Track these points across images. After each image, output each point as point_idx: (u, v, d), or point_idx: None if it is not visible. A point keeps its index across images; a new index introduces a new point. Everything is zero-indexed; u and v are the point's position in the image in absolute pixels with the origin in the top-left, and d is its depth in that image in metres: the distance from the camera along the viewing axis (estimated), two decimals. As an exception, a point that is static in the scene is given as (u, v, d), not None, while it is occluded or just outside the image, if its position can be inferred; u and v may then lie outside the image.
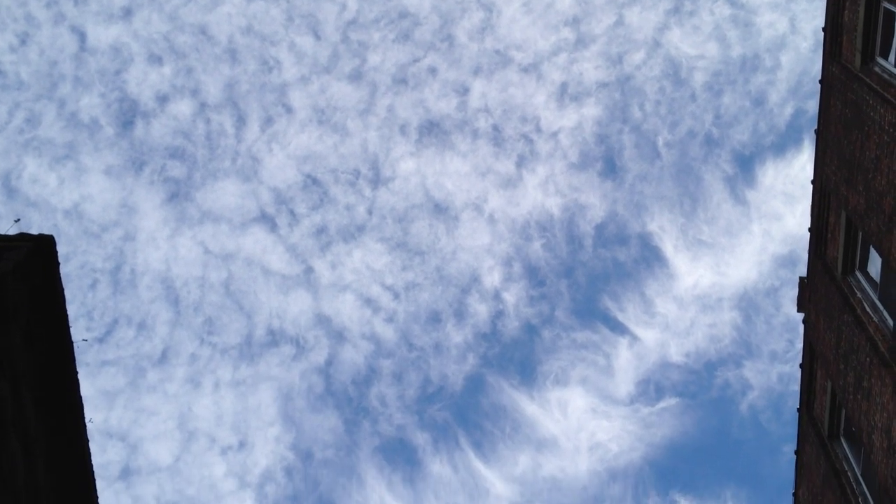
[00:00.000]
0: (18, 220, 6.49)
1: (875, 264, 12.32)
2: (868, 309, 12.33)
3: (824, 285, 13.69)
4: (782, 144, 47.53)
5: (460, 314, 48.78)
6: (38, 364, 6.38)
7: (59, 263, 5.65)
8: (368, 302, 48.44)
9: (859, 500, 12.73)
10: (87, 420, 5.86)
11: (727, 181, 48.23)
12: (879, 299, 12.12)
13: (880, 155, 11.34)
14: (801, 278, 14.59)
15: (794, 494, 15.41)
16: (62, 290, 5.82)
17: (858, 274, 12.94)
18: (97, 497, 7.18)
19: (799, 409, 15.02)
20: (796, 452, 15.19)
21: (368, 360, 48.22)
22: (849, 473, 13.25)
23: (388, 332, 48.18)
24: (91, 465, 6.81)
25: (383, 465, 50.83)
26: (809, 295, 14.41)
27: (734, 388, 49.24)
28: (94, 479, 6.86)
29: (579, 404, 50.16)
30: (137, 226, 44.57)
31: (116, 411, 44.06)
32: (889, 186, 11.07)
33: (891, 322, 11.53)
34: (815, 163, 13.87)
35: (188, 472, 46.23)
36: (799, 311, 14.62)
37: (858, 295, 12.70)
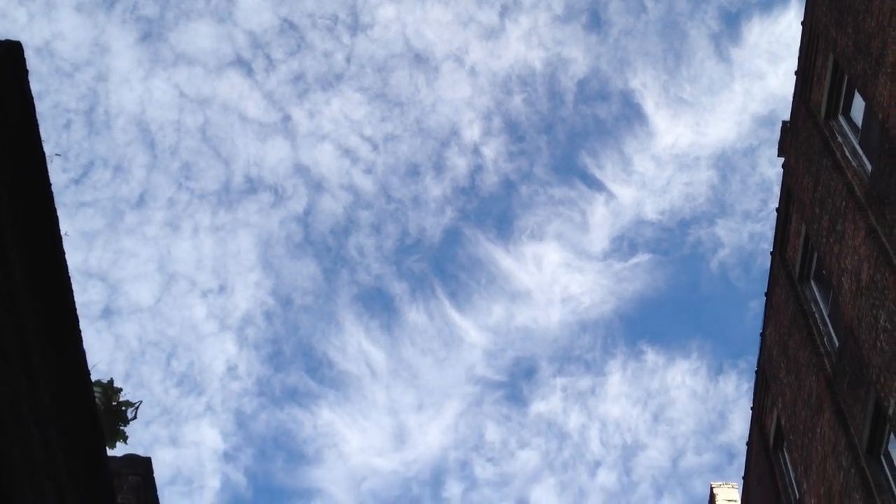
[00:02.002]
0: (-15, 28, 6.26)
1: (858, 109, 12.25)
2: (848, 153, 12.34)
3: (806, 129, 13.65)
4: (769, 1, 46.50)
5: (439, 167, 48.63)
6: (11, 182, 6.29)
7: (27, 71, 5.50)
8: (347, 152, 48.09)
9: (825, 339, 13.10)
10: (62, 233, 5.84)
11: (712, 38, 47.36)
12: (860, 144, 12.12)
13: (873, -5, 11.09)
14: (783, 122, 14.53)
15: (762, 335, 15.83)
16: (32, 100, 5.68)
17: (841, 118, 12.89)
18: (79, 329, 7.23)
19: (772, 253, 15.25)
20: (766, 294, 15.51)
21: (347, 210, 48.29)
22: (816, 315, 13.59)
23: (366, 184, 48.07)
24: (69, 283, 6.82)
25: (361, 312, 51.70)
26: (791, 139, 14.39)
27: (706, 245, 49.93)
28: (73, 297, 6.88)
29: (554, 258, 50.86)
30: (110, 66, 43.48)
31: (95, 252, 44.23)
32: (878, 28, 10.88)
33: (869, 167, 11.56)
34: (806, 3, 13.57)
35: (169, 313, 46.86)
36: (779, 155, 14.62)
37: (839, 139, 12.69)
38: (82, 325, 7.29)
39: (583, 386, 51.33)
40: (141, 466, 10.28)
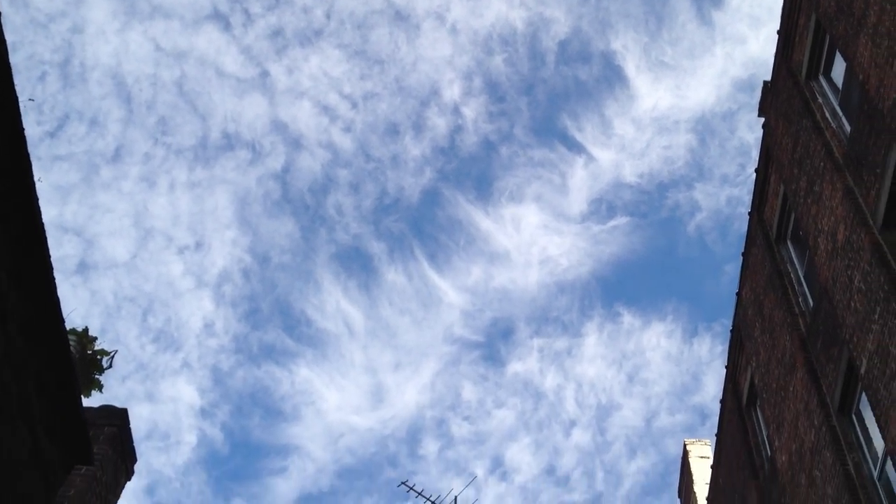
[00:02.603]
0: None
1: (839, 69, 12.25)
2: (827, 114, 12.36)
3: (787, 90, 13.65)
4: (754, -38, 46.30)
5: (419, 127, 48.36)
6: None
7: (0, 13, 5.39)
8: (326, 110, 47.69)
9: (800, 299, 13.22)
10: (36, 179, 5.76)
11: (694, 0, 47.13)
12: (840, 105, 12.14)
13: (857, -46, 11.05)
14: (764, 82, 14.52)
15: (738, 294, 15.95)
16: (4, 41, 5.57)
17: (822, 79, 12.89)
18: (53, 275, 7.17)
19: (750, 213, 15.31)
20: (743, 255, 15.61)
21: (325, 168, 47.98)
22: (792, 275, 13.69)
23: (345, 142, 47.76)
24: (43, 228, 6.76)
25: (339, 271, 51.65)
26: (771, 99, 14.39)
27: (683, 209, 50.17)
28: (45, 241, 6.81)
29: (532, 220, 50.94)
30: (86, 17, 42.76)
31: (71, 207, 43.85)
32: (862, -12, 10.85)
33: (848, 128, 11.60)
34: (791, -38, 13.51)
35: (145, 269, 46.62)
36: (760, 115, 14.63)
37: (819, 100, 12.70)
38: (57, 279, 7.23)
39: (559, 347, 51.67)
40: (117, 417, 10.25)
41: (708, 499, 18.29)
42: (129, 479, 10.46)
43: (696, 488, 20.34)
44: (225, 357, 50.23)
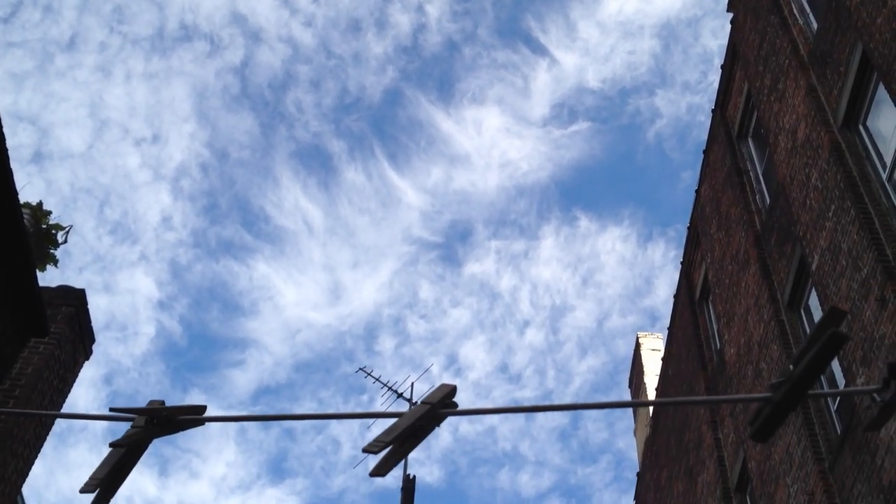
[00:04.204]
0: None
1: (810, -35, 12.13)
2: (795, 10, 12.28)
3: (756, -15, 13.50)
4: None
5: (381, 24, 47.19)
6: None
7: None
8: (286, 2, 46.32)
9: (757, 197, 13.37)
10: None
11: None
12: (808, 1, 12.06)
13: None
14: (734, -24, 14.34)
15: (697, 191, 16.08)
16: None
17: (792, -26, 12.76)
18: (7, 153, 7.02)
19: (713, 110, 15.32)
20: (704, 152, 15.67)
21: (285, 64, 46.90)
22: (751, 172, 13.81)
23: (306, 37, 46.60)
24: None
25: (299, 168, 51.09)
26: (740, -6, 14.24)
27: (644, 115, 49.96)
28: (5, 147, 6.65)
29: (494, 123, 50.47)
30: None
31: (25, 94, 42.63)
32: None
33: (815, 25, 11.54)
34: None
35: (101, 160, 45.78)
36: (728, 10, 14.49)
37: (788, -4, 12.60)
38: (12, 167, 7.08)
39: (516, 249, 52.02)
40: (75, 297, 10.18)
41: (657, 389, 18.81)
42: (88, 358, 10.48)
43: (646, 379, 20.88)
44: (183, 251, 50.02)
